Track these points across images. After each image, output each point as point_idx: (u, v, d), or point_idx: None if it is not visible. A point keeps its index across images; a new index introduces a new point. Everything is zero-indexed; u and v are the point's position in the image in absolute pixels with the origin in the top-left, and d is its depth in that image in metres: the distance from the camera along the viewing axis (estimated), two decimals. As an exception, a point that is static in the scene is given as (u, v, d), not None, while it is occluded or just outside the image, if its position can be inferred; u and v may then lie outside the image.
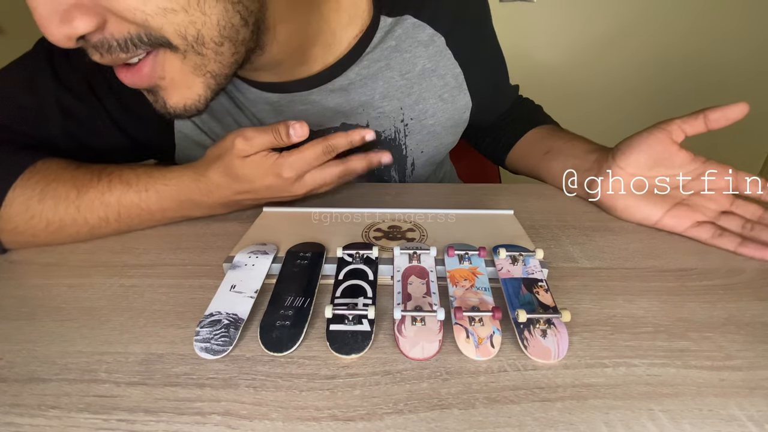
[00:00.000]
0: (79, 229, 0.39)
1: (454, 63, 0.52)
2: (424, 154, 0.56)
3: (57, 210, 0.38)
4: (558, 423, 0.22)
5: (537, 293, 0.30)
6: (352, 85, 0.49)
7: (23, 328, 0.30)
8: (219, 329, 0.28)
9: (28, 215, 0.38)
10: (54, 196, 0.38)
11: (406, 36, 0.49)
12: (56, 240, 0.39)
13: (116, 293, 0.33)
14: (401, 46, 0.49)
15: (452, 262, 0.34)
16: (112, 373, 0.26)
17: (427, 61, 0.50)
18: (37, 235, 0.38)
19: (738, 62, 1.55)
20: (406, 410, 0.23)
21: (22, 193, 0.38)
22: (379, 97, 0.50)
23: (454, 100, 0.53)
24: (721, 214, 0.41)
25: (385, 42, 0.49)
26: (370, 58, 0.49)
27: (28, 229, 0.38)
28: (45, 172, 0.39)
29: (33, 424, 0.22)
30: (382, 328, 0.29)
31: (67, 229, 0.39)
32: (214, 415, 0.23)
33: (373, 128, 0.49)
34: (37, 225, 0.38)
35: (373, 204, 0.45)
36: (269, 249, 0.36)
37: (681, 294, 0.33)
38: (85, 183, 0.39)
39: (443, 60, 0.51)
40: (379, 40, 0.48)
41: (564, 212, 0.47)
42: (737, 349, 0.28)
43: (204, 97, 0.37)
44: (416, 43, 0.49)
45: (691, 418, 0.23)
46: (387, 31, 0.49)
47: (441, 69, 0.51)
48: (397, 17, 0.49)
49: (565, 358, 0.27)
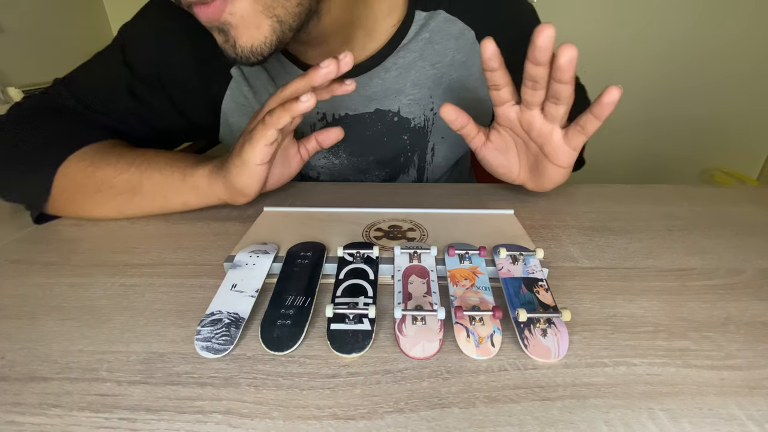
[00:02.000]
0: (111, 198, 0.43)
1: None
2: (444, 140, 0.59)
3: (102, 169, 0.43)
4: (558, 422, 0.22)
5: (537, 293, 0.30)
6: (388, 74, 0.53)
7: (24, 327, 0.30)
8: (220, 328, 0.28)
9: (80, 171, 0.43)
10: (104, 158, 0.44)
11: (438, 29, 0.53)
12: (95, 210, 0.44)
13: (117, 292, 0.33)
14: (434, 38, 0.53)
15: (453, 261, 0.34)
16: (113, 372, 0.26)
17: (456, 53, 0.54)
18: (74, 188, 0.43)
19: (738, 62, 1.55)
20: (406, 409, 0.23)
21: (83, 153, 0.44)
22: (411, 85, 0.54)
23: (479, 91, 0.56)
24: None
25: (420, 34, 0.53)
26: (406, 49, 0.53)
27: (75, 180, 0.43)
28: (107, 145, 0.46)
29: (34, 422, 0.22)
30: (383, 328, 0.29)
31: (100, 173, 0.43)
32: (215, 413, 0.23)
33: (404, 115, 0.55)
34: (82, 179, 0.43)
35: (374, 204, 0.46)
36: (270, 248, 0.36)
37: (681, 294, 0.33)
38: (125, 163, 0.43)
39: (472, 53, 0.54)
40: (414, 33, 0.52)
41: (564, 212, 0.47)
42: (737, 348, 0.28)
43: (270, 41, 0.39)
44: (448, 35, 0.53)
45: (691, 417, 0.23)
46: (421, 25, 0.53)
47: (469, 61, 0.54)
48: (431, 12, 0.52)
49: (565, 357, 0.27)
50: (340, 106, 0.55)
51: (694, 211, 0.48)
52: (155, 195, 0.43)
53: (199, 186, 0.42)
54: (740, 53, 1.54)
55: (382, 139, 0.57)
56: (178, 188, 0.43)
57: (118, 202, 0.43)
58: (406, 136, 0.57)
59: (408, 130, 0.57)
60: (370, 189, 0.54)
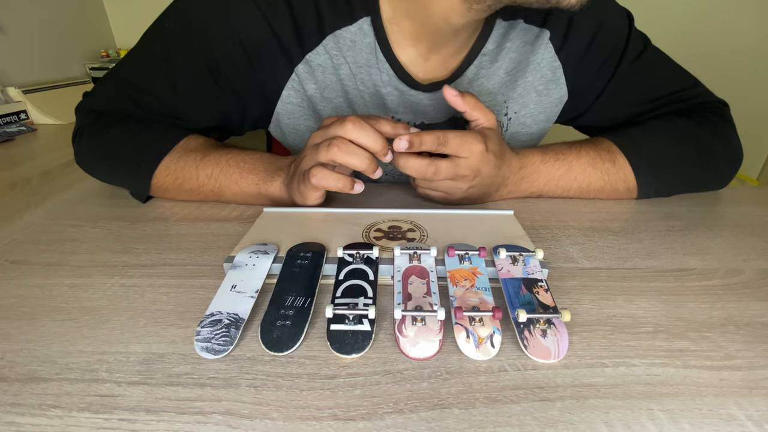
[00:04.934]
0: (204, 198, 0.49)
1: (554, 56, 0.52)
2: (517, 143, 0.58)
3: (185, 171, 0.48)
4: (558, 422, 0.22)
5: (537, 293, 0.30)
6: (469, 85, 0.53)
7: (24, 327, 0.30)
8: (220, 329, 0.28)
9: (172, 176, 0.48)
10: (184, 170, 0.48)
11: (517, 38, 0.52)
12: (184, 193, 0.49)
13: (117, 293, 0.33)
14: (512, 47, 0.52)
15: (452, 262, 0.34)
16: (113, 372, 0.26)
17: (531, 54, 0.52)
18: (171, 189, 0.49)
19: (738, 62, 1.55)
20: (406, 410, 0.23)
21: (166, 167, 0.48)
22: (486, 92, 0.53)
23: (549, 92, 0.55)
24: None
25: (502, 45, 0.52)
26: (487, 59, 0.52)
27: (168, 190, 0.49)
28: (180, 153, 0.49)
29: (34, 423, 0.22)
30: (383, 328, 0.29)
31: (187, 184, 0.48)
32: (215, 414, 0.23)
33: None
34: (174, 182, 0.48)
35: (374, 204, 0.46)
36: (270, 249, 0.36)
37: (680, 294, 0.33)
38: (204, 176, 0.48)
39: (544, 52, 0.52)
40: (495, 43, 0.51)
41: (564, 212, 0.47)
42: (736, 349, 0.28)
43: None
44: (524, 42, 0.52)
45: (690, 417, 0.23)
46: (502, 34, 0.51)
47: (539, 59, 0.52)
48: (511, 21, 0.51)
49: (565, 357, 0.27)
50: (418, 115, 0.54)
51: (694, 211, 0.48)
52: (237, 199, 0.49)
53: (273, 197, 0.48)
54: (741, 53, 1.54)
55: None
56: (255, 197, 0.48)
57: (211, 200, 0.50)
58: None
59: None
60: (370, 189, 0.54)
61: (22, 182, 0.59)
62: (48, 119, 1.00)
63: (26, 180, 0.60)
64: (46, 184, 0.58)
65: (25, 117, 0.98)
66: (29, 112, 0.99)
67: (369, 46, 0.49)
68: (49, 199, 0.52)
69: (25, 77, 1.15)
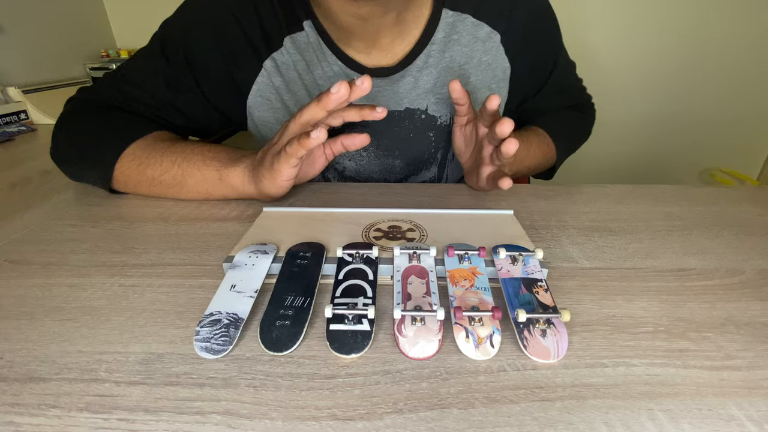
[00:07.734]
0: (165, 190, 0.49)
1: (505, 58, 0.57)
2: None
3: (151, 157, 0.49)
4: (557, 423, 0.22)
5: (537, 293, 0.30)
6: (420, 73, 0.55)
7: (23, 327, 0.30)
8: (219, 329, 0.28)
9: (137, 161, 0.49)
10: (150, 156, 0.49)
11: (466, 32, 0.55)
12: (154, 195, 0.51)
13: (116, 293, 0.33)
14: (462, 40, 0.55)
15: (452, 262, 0.34)
16: (112, 372, 0.26)
17: (483, 55, 0.56)
18: (133, 176, 0.49)
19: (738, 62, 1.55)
20: (405, 410, 0.23)
21: (132, 152, 0.49)
22: (439, 84, 0.56)
23: (500, 92, 0.60)
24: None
25: (450, 36, 0.54)
26: (436, 49, 0.55)
27: (131, 177, 0.49)
28: (149, 141, 0.51)
29: (33, 423, 0.22)
30: (382, 328, 0.29)
31: (151, 170, 0.49)
32: (214, 414, 0.23)
33: (432, 113, 0.59)
34: (137, 167, 0.49)
35: (373, 204, 0.45)
36: (269, 249, 0.36)
37: (680, 294, 0.33)
38: (168, 161, 0.49)
39: (497, 54, 0.57)
40: (443, 34, 0.54)
41: (564, 212, 0.47)
42: (736, 349, 0.28)
43: None
44: (475, 39, 0.55)
45: (690, 417, 0.23)
46: (450, 24, 0.54)
47: (494, 62, 0.57)
48: (458, 13, 0.54)
49: (564, 357, 0.27)
50: (370, 101, 0.57)
51: (694, 211, 0.48)
52: (199, 189, 0.49)
53: (234, 185, 0.47)
54: (741, 53, 1.54)
55: (410, 136, 0.59)
56: (216, 186, 0.48)
57: (171, 193, 0.50)
58: (431, 133, 0.59)
59: (434, 128, 0.59)
60: (370, 189, 0.54)
61: (22, 182, 0.59)
62: (48, 119, 1.00)
63: (26, 180, 0.60)
64: (46, 184, 0.58)
65: (25, 117, 0.98)
66: (29, 112, 0.99)
67: (316, 45, 0.54)
68: (49, 199, 0.52)
69: (25, 77, 1.15)
